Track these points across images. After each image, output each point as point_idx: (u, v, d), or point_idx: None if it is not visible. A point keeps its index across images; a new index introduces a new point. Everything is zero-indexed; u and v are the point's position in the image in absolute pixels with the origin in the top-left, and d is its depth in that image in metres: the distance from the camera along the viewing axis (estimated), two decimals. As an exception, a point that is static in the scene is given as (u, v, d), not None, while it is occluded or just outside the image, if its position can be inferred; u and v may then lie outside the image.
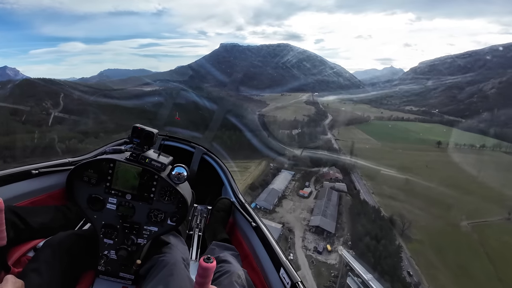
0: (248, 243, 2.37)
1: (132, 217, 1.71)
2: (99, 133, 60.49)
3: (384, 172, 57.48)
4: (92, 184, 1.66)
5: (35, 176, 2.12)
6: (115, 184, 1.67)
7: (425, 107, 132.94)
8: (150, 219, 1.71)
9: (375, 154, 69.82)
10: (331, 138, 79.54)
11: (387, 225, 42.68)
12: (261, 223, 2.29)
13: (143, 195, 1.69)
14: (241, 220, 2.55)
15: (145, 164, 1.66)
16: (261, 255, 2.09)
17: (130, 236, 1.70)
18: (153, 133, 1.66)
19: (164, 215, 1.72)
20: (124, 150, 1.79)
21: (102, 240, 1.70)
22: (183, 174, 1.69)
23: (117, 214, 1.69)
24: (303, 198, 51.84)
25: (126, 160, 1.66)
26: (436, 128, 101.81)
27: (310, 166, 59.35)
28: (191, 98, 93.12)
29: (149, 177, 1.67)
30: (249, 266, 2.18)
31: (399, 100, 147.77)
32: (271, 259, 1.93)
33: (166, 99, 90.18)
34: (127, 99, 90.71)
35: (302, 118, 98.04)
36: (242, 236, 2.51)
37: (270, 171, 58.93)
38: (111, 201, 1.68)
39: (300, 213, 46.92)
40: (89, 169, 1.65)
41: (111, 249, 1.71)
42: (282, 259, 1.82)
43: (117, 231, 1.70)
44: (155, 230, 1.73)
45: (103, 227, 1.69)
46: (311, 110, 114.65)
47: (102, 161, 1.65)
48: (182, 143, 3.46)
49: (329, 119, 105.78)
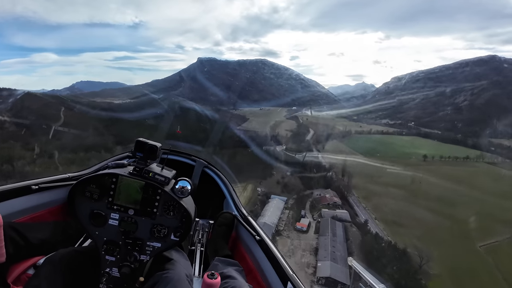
0: (252, 257, 2.28)
1: (135, 233, 1.65)
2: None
3: (379, 190, 51.79)
4: (94, 200, 1.63)
5: (34, 192, 2.06)
6: (118, 199, 1.63)
7: (400, 120, 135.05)
8: (153, 235, 1.66)
9: (365, 171, 64.76)
10: (318, 155, 73.54)
11: (403, 260, 35.76)
12: (265, 236, 2.21)
13: (146, 210, 1.64)
14: (244, 234, 2.47)
15: (148, 178, 1.62)
16: (266, 269, 2.01)
17: (133, 252, 1.63)
18: (157, 147, 1.63)
19: (167, 230, 1.66)
20: (127, 165, 1.74)
21: (104, 257, 1.63)
22: (187, 188, 1.66)
23: (119, 230, 1.63)
24: (302, 232, 42.98)
25: (129, 174, 1.62)
26: (417, 141, 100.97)
27: (302, 189, 51.71)
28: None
29: (152, 192, 1.63)
30: (253, 280, 2.09)
31: (375, 114, 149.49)
32: (277, 273, 1.85)
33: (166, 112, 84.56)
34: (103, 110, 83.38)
35: (285, 133, 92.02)
36: (246, 250, 2.42)
37: (258, 197, 50.47)
38: (113, 216, 1.64)
39: (302, 256, 37.71)
40: (91, 184, 1.61)
41: (113, 266, 1.63)
42: (289, 272, 1.75)
43: (119, 248, 1.64)
44: (158, 246, 1.67)
45: (105, 243, 1.63)
46: (293, 124, 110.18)
47: (104, 175, 1.61)
48: (182, 157, 3.33)
49: (311, 133, 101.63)
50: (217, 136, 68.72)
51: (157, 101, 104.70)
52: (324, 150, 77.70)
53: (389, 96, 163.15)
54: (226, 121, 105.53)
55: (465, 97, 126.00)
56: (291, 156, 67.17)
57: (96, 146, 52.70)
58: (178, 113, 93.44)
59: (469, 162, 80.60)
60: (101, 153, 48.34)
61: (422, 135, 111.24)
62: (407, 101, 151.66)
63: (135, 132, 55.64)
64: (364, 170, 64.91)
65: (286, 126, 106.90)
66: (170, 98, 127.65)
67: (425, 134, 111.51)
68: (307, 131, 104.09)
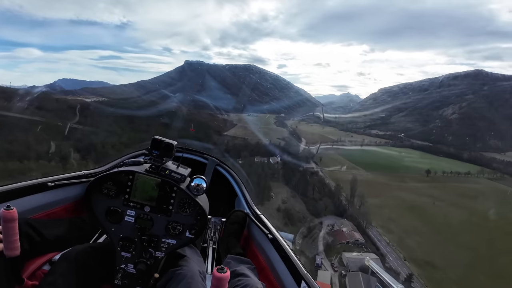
0: (264, 255, 2.23)
1: (151, 230, 1.64)
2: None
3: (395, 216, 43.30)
4: (111, 197, 1.61)
5: (51, 189, 2.07)
6: (134, 196, 1.62)
7: (390, 131, 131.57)
8: (168, 232, 1.64)
9: (372, 189, 56.31)
10: (316, 168, 64.68)
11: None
12: (278, 234, 2.16)
13: (162, 207, 1.63)
14: (257, 232, 2.42)
15: (164, 175, 1.61)
16: (279, 268, 1.96)
17: (148, 249, 1.62)
18: (173, 145, 1.63)
19: (182, 227, 1.65)
20: (143, 162, 1.74)
21: (120, 253, 1.62)
22: (202, 186, 1.64)
23: (135, 227, 1.62)
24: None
25: (146, 171, 1.62)
26: (411, 154, 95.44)
27: (309, 217, 41.33)
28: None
29: (168, 189, 1.62)
30: (266, 279, 2.03)
31: (363, 124, 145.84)
32: (290, 272, 1.80)
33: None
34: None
35: (278, 142, 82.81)
36: (258, 248, 2.36)
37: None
38: (129, 213, 1.62)
39: None
40: (108, 181, 1.60)
41: (129, 263, 1.62)
42: (303, 271, 1.71)
43: (135, 244, 1.63)
44: (173, 243, 1.66)
45: (121, 240, 1.62)
46: (284, 132, 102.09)
47: (121, 173, 1.61)
48: (195, 155, 3.28)
49: (303, 142, 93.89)
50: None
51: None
52: (321, 162, 69.03)
53: (378, 107, 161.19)
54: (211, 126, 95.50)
55: (454, 110, 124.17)
56: (288, 170, 57.71)
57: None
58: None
59: (471, 177, 75.26)
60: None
61: (415, 147, 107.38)
62: (394, 112, 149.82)
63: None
64: (372, 189, 56.43)
65: (277, 134, 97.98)
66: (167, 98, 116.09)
67: (418, 146, 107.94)
68: (299, 139, 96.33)
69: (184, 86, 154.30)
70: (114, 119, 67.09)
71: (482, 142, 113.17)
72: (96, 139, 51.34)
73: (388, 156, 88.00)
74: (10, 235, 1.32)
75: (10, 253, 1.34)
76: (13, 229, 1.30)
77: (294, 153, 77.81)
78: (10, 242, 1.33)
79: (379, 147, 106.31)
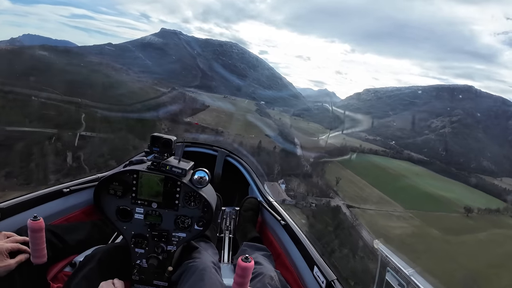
0: (279, 241, 2.22)
1: (160, 225, 1.65)
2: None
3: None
4: (119, 196, 1.62)
5: (67, 194, 2.09)
6: (140, 193, 1.62)
7: (379, 137, 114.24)
8: (177, 226, 1.66)
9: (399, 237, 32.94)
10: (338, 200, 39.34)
11: None
12: (291, 220, 2.14)
13: (168, 202, 1.64)
14: (270, 219, 2.41)
15: (166, 171, 1.60)
16: (293, 253, 1.96)
17: (160, 244, 1.64)
18: (171, 140, 1.62)
19: (190, 220, 1.66)
20: (147, 160, 1.73)
21: (134, 249, 1.66)
22: (205, 178, 1.62)
23: (145, 223, 1.64)
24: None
25: (148, 169, 1.61)
26: (422, 173, 75.76)
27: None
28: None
29: (172, 184, 1.61)
30: (282, 265, 2.03)
31: (349, 124, 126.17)
32: (304, 258, 1.81)
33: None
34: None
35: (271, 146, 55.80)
36: (273, 234, 2.35)
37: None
38: (138, 211, 1.64)
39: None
40: (114, 182, 1.61)
41: (143, 258, 1.65)
42: (316, 256, 1.72)
43: (147, 240, 1.65)
44: (184, 236, 1.67)
45: (133, 237, 1.65)
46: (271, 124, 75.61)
47: (125, 172, 1.61)
48: (203, 148, 3.22)
49: (298, 143, 69.99)
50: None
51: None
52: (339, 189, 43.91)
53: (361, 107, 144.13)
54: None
55: (444, 123, 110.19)
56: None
57: None
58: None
59: (504, 216, 56.68)
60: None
61: (415, 161, 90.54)
62: (381, 116, 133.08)
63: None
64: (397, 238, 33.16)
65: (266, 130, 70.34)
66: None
67: (417, 160, 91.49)
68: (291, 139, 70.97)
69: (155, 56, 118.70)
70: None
71: (476, 162, 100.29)
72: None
73: (397, 175, 66.11)
74: (37, 244, 1.34)
75: (38, 260, 1.37)
76: (40, 238, 1.33)
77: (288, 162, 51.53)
78: (37, 251, 1.35)
79: (379, 157, 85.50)
